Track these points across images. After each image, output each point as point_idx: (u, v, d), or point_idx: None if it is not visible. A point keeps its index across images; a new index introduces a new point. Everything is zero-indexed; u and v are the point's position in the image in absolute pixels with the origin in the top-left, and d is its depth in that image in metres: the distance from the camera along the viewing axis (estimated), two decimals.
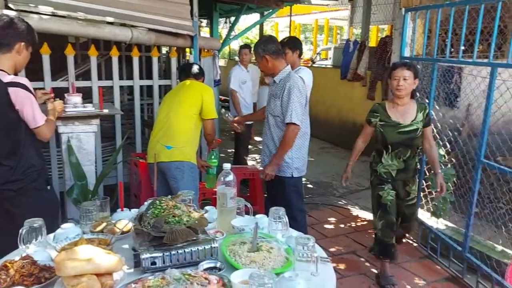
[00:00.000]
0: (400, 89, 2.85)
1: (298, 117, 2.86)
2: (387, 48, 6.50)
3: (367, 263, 3.47)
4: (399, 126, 2.91)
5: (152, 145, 3.18)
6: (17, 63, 2.21)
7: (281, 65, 2.98)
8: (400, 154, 2.95)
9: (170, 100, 3.26)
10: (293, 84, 2.87)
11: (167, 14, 3.86)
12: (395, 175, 3.00)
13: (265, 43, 2.97)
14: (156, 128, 3.21)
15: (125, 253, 1.65)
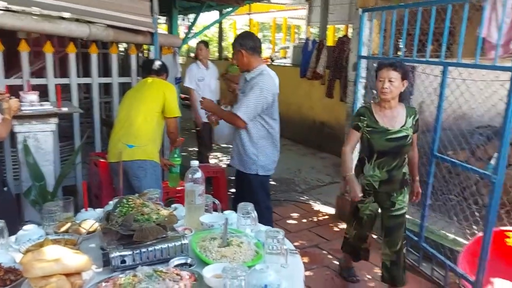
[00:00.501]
0: (385, 92, 2.56)
1: (246, 114, 2.87)
2: (344, 47, 6.68)
3: (329, 255, 3.57)
4: (388, 132, 2.62)
5: (113, 144, 3.11)
6: None
7: (256, 63, 2.97)
8: (384, 164, 2.67)
9: (131, 98, 3.21)
10: (258, 82, 2.88)
11: (126, 11, 3.79)
12: (378, 187, 2.73)
13: (243, 38, 2.99)
14: (117, 127, 3.14)
15: (92, 252, 1.63)
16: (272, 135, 3.08)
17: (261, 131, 3.02)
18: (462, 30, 2.89)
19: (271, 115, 3.03)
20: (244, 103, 2.87)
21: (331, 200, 4.77)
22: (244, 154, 3.04)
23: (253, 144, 3.01)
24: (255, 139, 3.01)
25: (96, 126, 4.05)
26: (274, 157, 3.15)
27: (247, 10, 12.49)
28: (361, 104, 4.12)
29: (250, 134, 3.00)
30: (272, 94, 2.96)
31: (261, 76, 2.92)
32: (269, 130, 3.05)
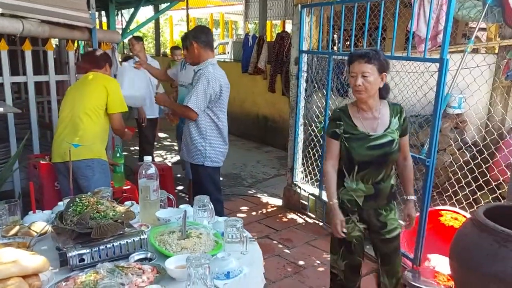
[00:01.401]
0: (359, 90, 2.08)
1: (196, 104, 2.95)
2: (284, 42, 6.85)
3: (280, 245, 3.68)
4: (369, 138, 2.15)
5: (57, 144, 2.99)
6: None
7: (206, 56, 3.06)
8: (369, 177, 2.18)
9: (73, 95, 3.09)
10: (204, 72, 2.98)
11: (62, 5, 3.62)
12: (363, 203, 2.22)
13: (196, 31, 3.12)
14: (61, 126, 3.02)
15: (46, 254, 1.57)
16: (220, 128, 3.15)
17: (209, 123, 3.09)
18: (395, 25, 3.09)
19: (220, 107, 3.10)
20: (193, 94, 2.95)
21: (278, 192, 4.89)
22: (192, 146, 3.11)
23: (201, 135, 3.08)
24: (203, 130, 3.08)
25: (34, 127, 3.84)
26: (222, 149, 3.22)
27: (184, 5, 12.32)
28: (304, 97, 4.27)
29: (198, 126, 3.08)
30: (220, 85, 3.03)
31: (208, 67, 3.01)
32: (217, 122, 3.12)
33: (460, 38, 6.70)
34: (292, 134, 4.40)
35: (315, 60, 4.32)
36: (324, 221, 4.08)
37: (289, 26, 10.67)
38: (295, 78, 4.30)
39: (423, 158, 2.91)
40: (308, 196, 4.27)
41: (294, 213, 4.35)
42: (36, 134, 3.85)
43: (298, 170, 4.42)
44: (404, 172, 2.33)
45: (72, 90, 3.17)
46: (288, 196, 4.52)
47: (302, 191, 4.34)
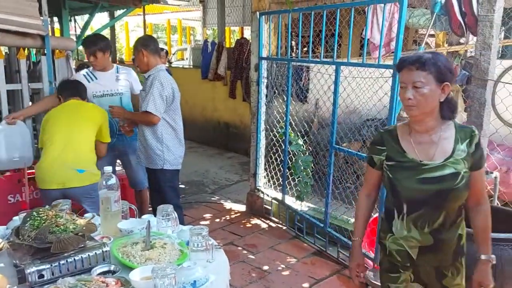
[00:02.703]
0: (409, 105, 1.61)
1: (155, 107, 3.00)
2: (243, 49, 6.90)
3: (244, 251, 3.69)
4: (422, 169, 1.63)
5: (55, 169, 2.82)
6: None
7: (155, 62, 3.14)
8: (425, 221, 1.66)
9: (67, 121, 2.97)
10: (156, 76, 3.05)
11: (13, 12, 3.48)
12: (417, 257, 1.71)
13: (144, 40, 3.24)
14: (55, 151, 2.87)
15: (3, 271, 1.52)
16: (176, 131, 3.22)
17: (165, 127, 3.14)
18: (350, 32, 3.20)
19: (174, 110, 3.17)
20: (150, 99, 3.00)
21: (241, 198, 4.90)
22: (150, 150, 3.14)
23: (158, 139, 3.13)
24: (159, 134, 3.13)
25: None
26: (179, 152, 3.28)
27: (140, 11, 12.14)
28: (265, 103, 4.32)
29: (154, 131, 3.12)
30: (172, 87, 3.12)
31: (158, 72, 3.11)
32: (173, 125, 3.18)
33: (411, 44, 7.02)
34: (254, 140, 4.43)
35: (274, 66, 4.39)
36: (287, 225, 4.12)
37: (247, 32, 10.76)
38: (255, 84, 4.34)
39: None
40: (271, 200, 4.31)
41: (258, 218, 4.38)
42: None
43: (261, 175, 4.46)
44: (476, 219, 1.70)
45: (63, 115, 3.02)
46: (251, 202, 4.54)
47: (265, 196, 4.38)
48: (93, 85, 3.45)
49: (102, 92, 3.49)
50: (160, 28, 24.86)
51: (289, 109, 3.96)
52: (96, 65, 3.49)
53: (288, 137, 3.97)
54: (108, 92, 3.51)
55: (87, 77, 3.53)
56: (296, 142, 3.99)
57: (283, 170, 4.09)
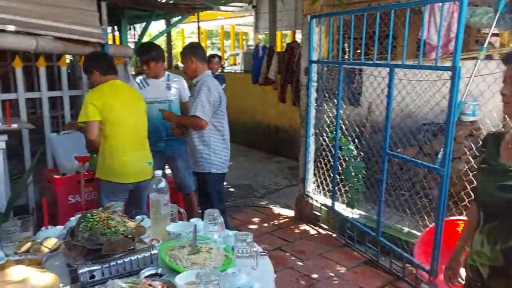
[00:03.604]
0: (504, 102, 1.46)
1: (203, 112, 3.07)
2: (294, 52, 6.85)
3: (292, 257, 3.64)
4: (508, 175, 1.42)
5: (132, 161, 2.86)
6: None
7: (203, 69, 3.24)
8: (497, 236, 1.44)
9: (128, 104, 2.93)
10: (203, 82, 3.13)
11: (75, 22, 3.69)
12: (487, 278, 1.48)
13: (193, 47, 3.32)
14: (129, 142, 2.87)
15: (58, 270, 1.58)
16: (223, 134, 3.27)
17: (212, 131, 3.20)
18: (405, 33, 3.07)
19: (221, 114, 3.24)
20: (199, 103, 3.07)
21: (290, 203, 4.86)
22: (197, 154, 3.21)
23: (205, 143, 3.19)
24: (206, 139, 3.19)
25: (48, 142, 3.90)
26: (225, 156, 3.31)
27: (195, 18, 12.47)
28: (315, 107, 4.26)
29: (201, 135, 3.18)
30: (218, 92, 3.19)
31: (206, 78, 3.19)
32: (220, 129, 3.24)
33: (472, 44, 6.62)
34: (303, 144, 4.38)
35: (325, 69, 4.31)
36: (337, 233, 4.02)
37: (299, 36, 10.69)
38: (305, 88, 4.29)
39: (437, 168, 2.86)
40: (320, 207, 4.23)
41: (307, 224, 4.31)
42: (49, 149, 3.90)
43: (310, 181, 4.39)
44: None
45: (125, 97, 2.95)
46: (300, 207, 4.48)
47: (314, 202, 4.30)
48: (144, 92, 3.52)
49: (153, 99, 3.56)
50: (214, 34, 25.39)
51: (340, 113, 3.87)
52: (148, 73, 3.58)
53: (338, 142, 3.88)
54: (158, 99, 3.59)
55: (140, 84, 3.66)
56: (347, 147, 3.89)
57: (333, 175, 3.99)
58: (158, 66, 3.56)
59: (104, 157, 2.85)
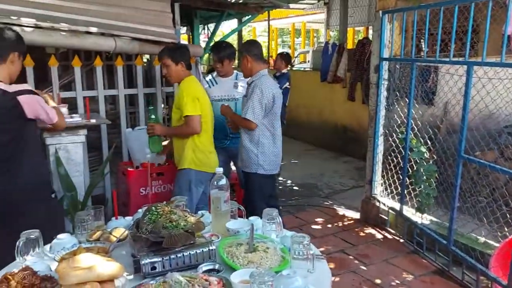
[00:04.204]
0: None
1: (254, 115, 3.07)
2: (365, 49, 6.64)
3: (356, 260, 3.54)
4: None
5: (213, 153, 3.25)
6: (11, 73, 2.21)
7: (259, 68, 3.20)
8: None
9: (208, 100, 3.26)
10: (257, 84, 3.11)
11: (150, 23, 3.89)
12: None
13: (249, 45, 3.31)
14: (210, 136, 3.25)
15: (123, 259, 1.67)
16: (274, 135, 3.24)
17: (263, 132, 3.19)
18: (487, 28, 2.84)
19: (274, 115, 3.20)
20: (250, 106, 3.09)
21: (355, 204, 4.73)
22: (246, 154, 3.22)
23: (254, 144, 3.19)
24: (256, 139, 3.19)
25: (123, 136, 4.15)
26: (274, 157, 3.28)
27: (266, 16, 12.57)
28: (384, 106, 4.09)
29: (251, 135, 3.19)
30: (272, 93, 3.14)
31: (261, 78, 3.15)
32: (272, 130, 3.22)
33: None
34: (371, 145, 4.23)
35: (397, 67, 4.12)
36: (405, 238, 3.84)
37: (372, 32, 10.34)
38: (375, 87, 4.15)
39: None
40: (388, 210, 4.06)
41: (373, 228, 4.17)
42: (125, 143, 4.15)
43: (378, 183, 4.24)
44: None
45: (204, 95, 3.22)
46: (366, 210, 4.34)
47: (382, 205, 4.15)
48: (213, 90, 3.66)
49: (220, 97, 3.68)
50: (285, 32, 25.43)
51: (411, 112, 3.69)
52: (221, 71, 3.67)
53: (409, 143, 3.70)
54: (225, 97, 3.70)
55: (209, 83, 3.77)
56: (418, 149, 3.69)
57: (402, 178, 3.82)
58: (230, 65, 3.66)
59: (199, 149, 3.10)
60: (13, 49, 2.17)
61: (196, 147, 3.04)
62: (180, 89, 3.05)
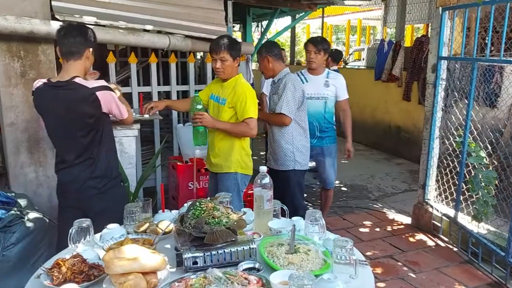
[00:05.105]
0: None
1: (289, 109, 3.08)
2: (423, 47, 6.37)
3: (405, 267, 3.41)
4: None
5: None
6: (86, 68, 2.33)
7: (280, 67, 3.24)
8: None
9: None
10: (288, 79, 3.13)
11: (203, 21, 3.94)
12: None
13: (269, 46, 3.29)
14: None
15: (167, 252, 1.72)
16: (305, 130, 3.27)
17: (295, 127, 3.20)
18: None
19: (303, 109, 3.24)
20: (284, 101, 3.08)
21: (407, 209, 4.56)
22: (281, 152, 3.22)
23: (288, 141, 3.21)
24: (290, 135, 3.20)
25: (175, 132, 4.26)
26: (307, 151, 3.32)
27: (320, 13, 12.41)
28: (442, 107, 3.90)
29: (284, 132, 3.20)
30: (302, 89, 3.20)
31: (289, 75, 3.20)
32: (302, 125, 3.24)
33: None
34: (426, 148, 4.05)
35: (457, 66, 3.91)
36: (459, 247, 3.65)
37: None
38: (432, 87, 3.96)
39: None
40: (441, 216, 3.88)
41: (424, 234, 3.99)
42: (176, 138, 4.26)
43: (431, 187, 4.05)
44: None
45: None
46: (418, 215, 4.17)
47: (435, 211, 3.96)
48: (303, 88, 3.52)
49: (310, 95, 3.57)
50: (340, 29, 24.97)
51: (471, 115, 3.48)
52: (313, 62, 3.59)
53: (467, 147, 3.50)
54: (314, 95, 3.62)
55: (300, 77, 3.68)
56: (477, 154, 3.48)
57: (458, 184, 3.62)
58: (323, 59, 3.63)
59: (245, 152, 2.94)
60: (88, 45, 2.28)
61: (243, 150, 2.92)
62: (238, 88, 2.81)
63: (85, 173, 2.27)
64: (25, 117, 3.15)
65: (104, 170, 2.31)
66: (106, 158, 2.33)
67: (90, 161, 2.27)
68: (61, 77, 2.23)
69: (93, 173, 2.27)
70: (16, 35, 2.98)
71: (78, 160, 2.26)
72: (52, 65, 3.20)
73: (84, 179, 2.27)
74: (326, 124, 3.69)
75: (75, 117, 2.21)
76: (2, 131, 3.16)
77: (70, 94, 2.17)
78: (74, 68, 2.23)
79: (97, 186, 2.29)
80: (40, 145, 3.23)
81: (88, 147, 2.26)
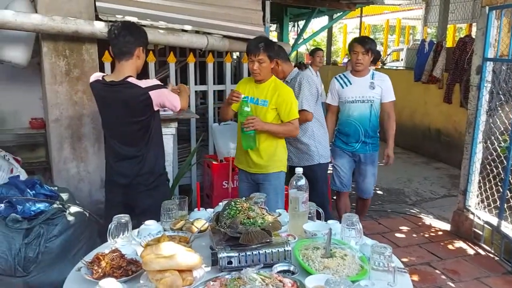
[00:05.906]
0: None
1: (309, 105, 3.14)
2: (466, 48, 6.15)
3: (443, 276, 3.29)
4: None
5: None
6: (138, 67, 2.38)
7: (290, 68, 3.30)
8: None
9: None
10: (302, 76, 3.19)
11: (240, 21, 3.96)
12: None
13: (277, 49, 3.08)
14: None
15: (202, 251, 1.72)
16: (322, 124, 3.39)
17: (314, 123, 3.28)
18: None
19: (319, 104, 3.34)
20: (303, 98, 3.13)
21: (446, 215, 4.41)
22: (303, 148, 3.30)
23: (309, 136, 3.29)
24: (310, 131, 3.29)
25: (210, 130, 4.30)
26: (327, 144, 3.44)
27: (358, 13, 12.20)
28: (486, 111, 3.74)
29: (304, 128, 3.24)
30: (315, 84, 3.25)
31: (301, 73, 3.24)
32: (320, 119, 3.35)
33: None
34: (468, 152, 3.90)
35: (503, 68, 3.74)
36: (501, 257, 3.49)
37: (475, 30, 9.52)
38: (475, 89, 3.81)
39: None
40: (483, 224, 3.72)
41: (464, 242, 3.84)
42: (211, 136, 4.29)
43: (473, 194, 3.89)
44: None
45: None
46: (458, 222, 4.02)
47: (476, 218, 3.80)
48: (346, 90, 3.45)
49: (354, 98, 3.43)
50: (378, 29, 24.47)
51: None
52: (361, 64, 3.37)
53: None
54: (359, 98, 3.42)
55: (340, 81, 3.52)
56: None
57: (502, 191, 3.46)
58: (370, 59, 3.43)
59: (285, 150, 2.94)
60: (139, 44, 2.32)
61: (284, 148, 2.92)
62: (281, 90, 2.77)
63: (135, 169, 2.34)
64: (68, 114, 3.27)
65: (152, 166, 2.37)
66: (154, 155, 2.39)
67: (140, 157, 2.35)
68: (115, 77, 2.29)
69: (141, 169, 2.35)
70: (62, 35, 3.10)
71: (130, 155, 2.35)
72: (95, 64, 3.30)
73: (134, 175, 2.34)
74: (371, 129, 3.47)
75: (128, 115, 2.28)
76: (47, 127, 3.29)
77: (125, 92, 2.24)
78: (127, 68, 2.29)
79: (145, 183, 2.36)
80: (82, 141, 3.35)
81: (139, 143, 2.34)
